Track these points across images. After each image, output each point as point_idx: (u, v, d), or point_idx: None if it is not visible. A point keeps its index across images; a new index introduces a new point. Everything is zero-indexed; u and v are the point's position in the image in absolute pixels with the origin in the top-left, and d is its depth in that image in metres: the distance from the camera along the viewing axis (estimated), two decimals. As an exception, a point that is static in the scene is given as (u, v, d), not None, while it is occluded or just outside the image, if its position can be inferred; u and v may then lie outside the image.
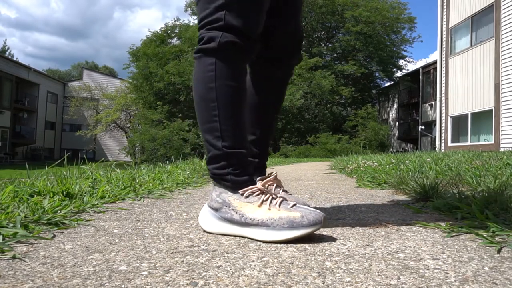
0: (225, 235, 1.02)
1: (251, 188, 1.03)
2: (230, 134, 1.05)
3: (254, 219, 0.98)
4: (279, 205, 0.99)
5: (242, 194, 1.02)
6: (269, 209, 0.98)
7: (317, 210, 0.98)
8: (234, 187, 1.03)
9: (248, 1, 1.06)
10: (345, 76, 26.82)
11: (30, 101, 29.95)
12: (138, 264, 0.75)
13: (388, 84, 29.53)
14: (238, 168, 1.04)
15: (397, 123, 27.71)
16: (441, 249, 0.87)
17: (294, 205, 0.99)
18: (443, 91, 14.54)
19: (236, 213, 1.00)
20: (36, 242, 0.92)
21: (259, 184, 1.04)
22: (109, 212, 1.39)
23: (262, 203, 1.00)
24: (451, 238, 0.98)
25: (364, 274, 0.69)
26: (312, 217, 0.94)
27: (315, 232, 0.98)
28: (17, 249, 0.85)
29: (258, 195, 1.02)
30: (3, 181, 1.76)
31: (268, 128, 1.38)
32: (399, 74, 28.68)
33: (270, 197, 1.01)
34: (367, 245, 0.90)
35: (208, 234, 1.03)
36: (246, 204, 1.01)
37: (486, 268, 0.73)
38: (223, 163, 1.04)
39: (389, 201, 1.75)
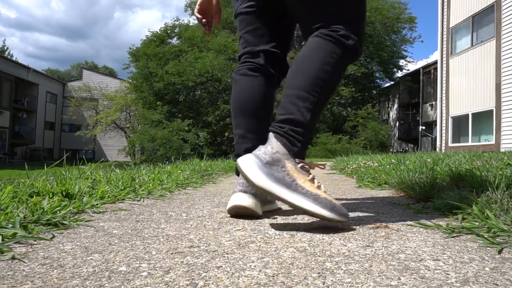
0: (267, 191, 1.04)
1: (306, 164, 1.10)
2: (317, 114, 1.16)
3: (304, 188, 1.04)
4: (323, 190, 1.08)
5: (298, 163, 1.09)
6: (317, 187, 1.06)
7: None
8: (296, 154, 1.10)
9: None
10: (345, 76, 26.79)
11: (30, 101, 29.92)
12: (137, 265, 0.75)
13: (389, 84, 29.53)
14: (307, 142, 1.14)
15: (397, 123, 27.70)
16: (442, 249, 0.87)
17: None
18: (444, 91, 14.54)
19: (288, 175, 1.06)
20: (35, 242, 0.91)
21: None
22: (108, 212, 1.39)
23: (312, 179, 1.08)
24: (452, 238, 0.98)
25: (365, 275, 0.69)
26: (345, 210, 1.08)
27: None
28: (16, 250, 0.84)
29: (308, 172, 1.10)
30: (2, 182, 1.76)
31: None
32: (399, 74, 28.68)
33: (316, 180, 1.09)
34: (368, 246, 0.90)
35: (208, 234, 1.02)
36: (298, 173, 1.07)
37: (487, 269, 0.73)
38: (300, 130, 1.11)
39: (390, 201, 1.75)
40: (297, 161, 1.09)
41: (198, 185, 2.62)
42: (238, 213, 1.26)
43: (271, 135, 1.13)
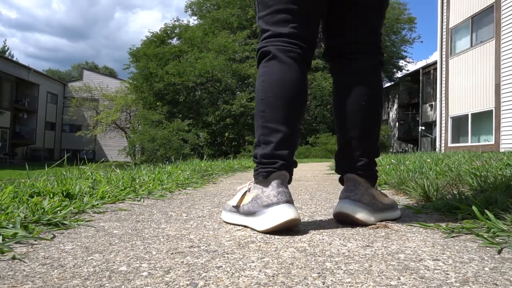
0: (377, 221, 1.17)
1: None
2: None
3: (386, 204, 1.24)
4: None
5: (375, 188, 1.25)
6: (387, 197, 1.27)
7: None
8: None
9: None
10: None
11: (30, 101, 29.93)
12: (138, 265, 0.75)
13: (388, 84, 29.52)
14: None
15: (397, 124, 27.70)
16: (442, 249, 0.87)
17: None
18: (443, 92, 14.54)
19: (379, 202, 1.22)
20: (36, 242, 0.92)
21: None
22: (109, 212, 1.39)
23: (381, 193, 1.25)
24: (452, 238, 0.98)
25: (364, 275, 0.69)
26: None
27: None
28: (17, 250, 0.85)
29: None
30: (3, 182, 1.76)
31: None
32: (399, 74, 28.71)
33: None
34: (367, 246, 0.90)
35: (208, 234, 1.03)
36: (378, 194, 1.23)
37: (486, 269, 0.73)
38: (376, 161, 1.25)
39: (389, 201, 1.74)
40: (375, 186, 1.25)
41: (198, 185, 2.62)
42: (288, 227, 1.04)
43: (358, 178, 1.19)
